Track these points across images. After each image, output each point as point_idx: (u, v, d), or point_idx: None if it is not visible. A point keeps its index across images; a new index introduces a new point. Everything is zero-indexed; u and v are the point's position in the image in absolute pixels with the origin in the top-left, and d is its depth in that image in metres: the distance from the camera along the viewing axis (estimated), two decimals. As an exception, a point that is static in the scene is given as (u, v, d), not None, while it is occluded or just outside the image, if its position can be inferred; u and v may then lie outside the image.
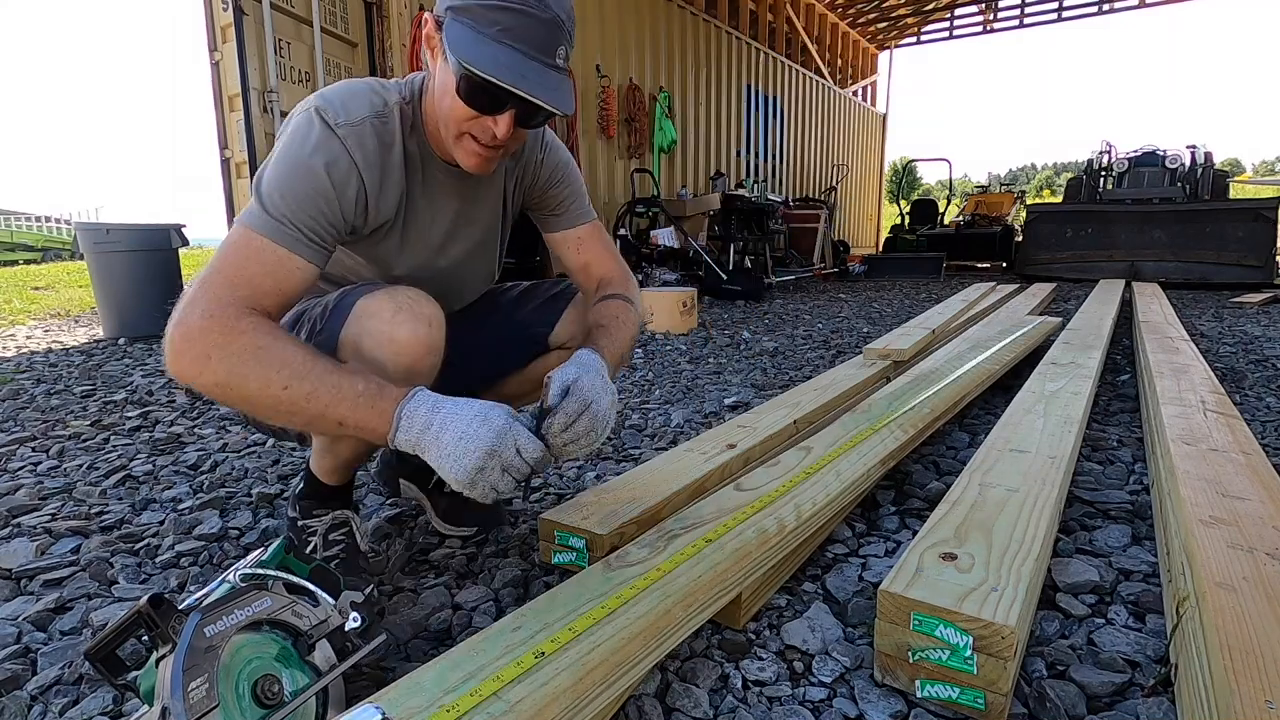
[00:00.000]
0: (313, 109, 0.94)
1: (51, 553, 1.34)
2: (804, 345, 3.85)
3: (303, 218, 0.90)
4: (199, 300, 0.84)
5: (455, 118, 0.94)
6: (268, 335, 0.83)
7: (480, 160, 0.98)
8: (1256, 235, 6.82)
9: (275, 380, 0.81)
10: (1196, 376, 2.15)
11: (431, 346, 1.00)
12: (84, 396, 2.64)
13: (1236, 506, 1.16)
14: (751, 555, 1.04)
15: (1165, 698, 0.88)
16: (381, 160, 0.98)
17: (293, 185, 0.90)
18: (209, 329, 0.81)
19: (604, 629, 0.82)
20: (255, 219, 0.89)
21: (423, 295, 1.02)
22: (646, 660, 0.83)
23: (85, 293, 5.99)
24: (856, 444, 1.52)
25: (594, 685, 0.75)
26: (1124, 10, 13.48)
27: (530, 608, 0.87)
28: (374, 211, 1.01)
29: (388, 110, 0.99)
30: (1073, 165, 60.14)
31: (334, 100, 0.95)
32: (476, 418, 0.83)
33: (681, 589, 0.91)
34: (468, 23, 0.87)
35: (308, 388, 0.82)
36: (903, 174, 17.78)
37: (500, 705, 0.68)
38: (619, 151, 7.76)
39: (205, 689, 0.68)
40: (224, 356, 0.81)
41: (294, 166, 0.91)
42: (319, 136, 0.93)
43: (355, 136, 0.94)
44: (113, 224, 3.96)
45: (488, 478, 0.82)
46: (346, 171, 0.94)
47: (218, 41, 5.08)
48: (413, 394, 0.86)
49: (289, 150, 0.92)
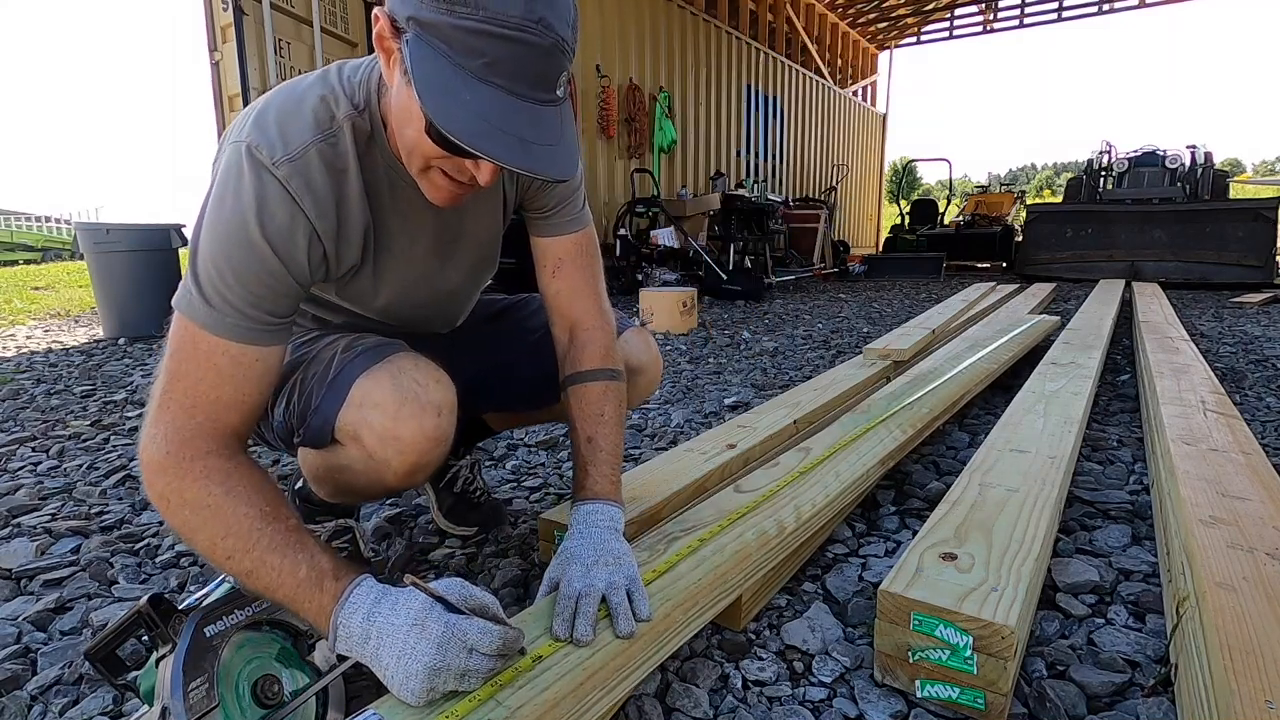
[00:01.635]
0: (243, 145, 0.76)
1: (51, 553, 1.34)
2: (804, 345, 3.85)
3: (249, 299, 0.76)
4: (159, 425, 0.75)
5: (421, 153, 0.76)
6: (220, 488, 0.73)
7: (450, 196, 0.81)
8: (1256, 235, 6.82)
9: (220, 547, 0.72)
10: (1196, 376, 2.15)
11: (440, 439, 0.88)
12: (84, 396, 2.64)
13: (1236, 506, 1.16)
14: (752, 557, 1.03)
15: (1165, 698, 0.88)
16: (336, 194, 0.82)
17: (230, 260, 0.75)
18: (165, 468, 0.74)
19: (604, 634, 0.80)
20: (197, 310, 0.76)
21: (430, 374, 0.89)
22: (647, 664, 0.82)
23: (85, 293, 5.99)
24: (856, 444, 1.52)
25: (594, 690, 0.74)
26: (1124, 10, 13.48)
27: (529, 612, 0.85)
28: (335, 260, 0.86)
29: (336, 127, 0.81)
30: (1073, 165, 60.15)
31: (269, 128, 0.77)
32: (413, 628, 0.68)
33: (682, 592, 0.90)
34: (442, 50, 0.66)
35: (248, 565, 0.72)
36: (903, 174, 17.78)
37: (500, 711, 0.67)
38: (619, 151, 7.76)
39: (205, 689, 0.68)
40: (178, 505, 0.73)
41: (228, 234, 0.75)
42: (251, 185, 0.75)
43: (299, 175, 0.77)
44: (113, 224, 3.96)
45: (444, 688, 0.67)
46: (290, 228, 0.77)
47: (218, 41, 5.08)
48: (348, 593, 0.71)
49: (219, 208, 0.76)
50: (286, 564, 0.72)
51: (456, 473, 1.43)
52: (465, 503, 1.43)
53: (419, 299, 1.03)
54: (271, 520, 0.73)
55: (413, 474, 0.90)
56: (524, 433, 2.11)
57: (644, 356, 1.18)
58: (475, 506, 1.43)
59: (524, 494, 1.65)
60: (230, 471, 0.75)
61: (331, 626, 0.70)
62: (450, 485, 1.42)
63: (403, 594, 0.71)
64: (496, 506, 1.47)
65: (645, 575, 0.93)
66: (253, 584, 0.73)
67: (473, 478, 1.45)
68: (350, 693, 0.89)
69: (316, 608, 0.71)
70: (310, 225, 0.79)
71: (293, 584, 0.71)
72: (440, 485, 1.43)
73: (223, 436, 0.77)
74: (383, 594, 0.72)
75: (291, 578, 0.71)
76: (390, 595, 0.71)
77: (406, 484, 0.93)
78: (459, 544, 1.38)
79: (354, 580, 0.72)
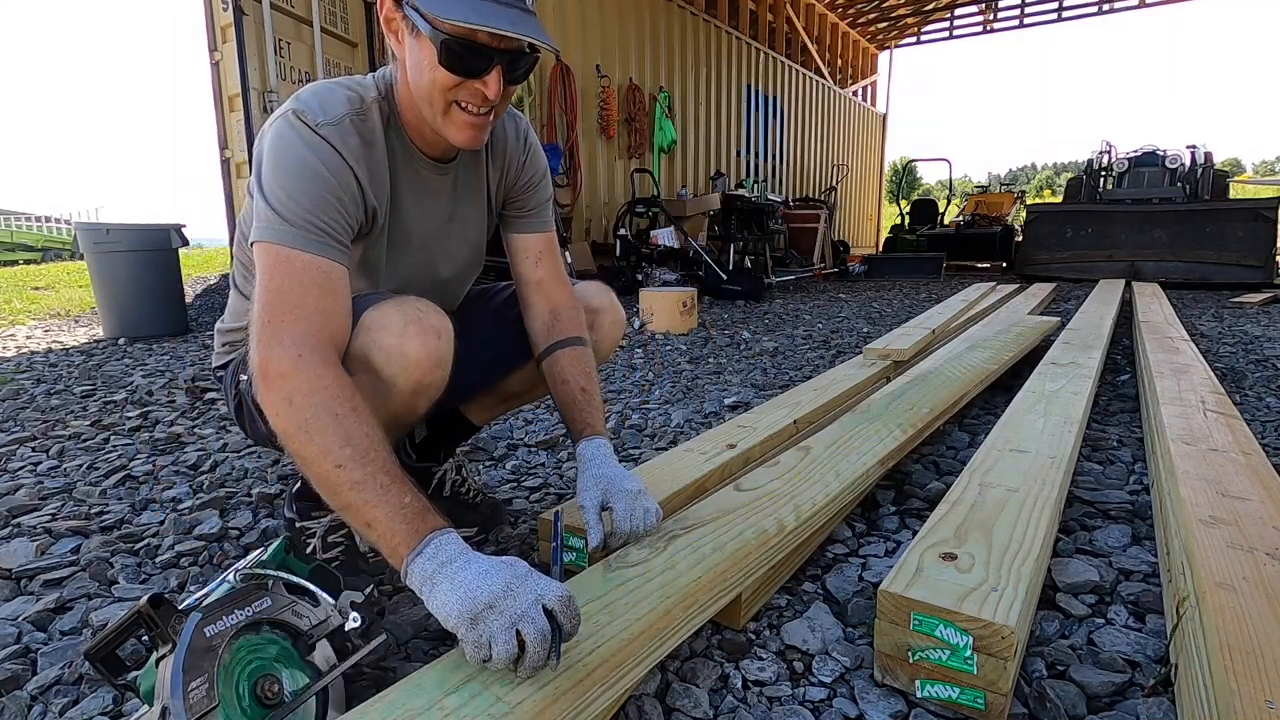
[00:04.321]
0: (289, 113, 0.92)
1: (51, 553, 1.34)
2: (804, 345, 3.85)
3: (323, 221, 0.89)
4: (283, 336, 0.81)
5: (440, 88, 0.91)
6: (348, 401, 0.79)
7: (474, 131, 0.96)
8: (1256, 235, 6.82)
9: (334, 454, 0.76)
10: (1196, 376, 2.15)
11: (440, 360, 0.97)
12: (84, 396, 2.64)
13: (1236, 506, 1.16)
14: (752, 555, 1.04)
15: (1165, 698, 0.88)
16: (366, 157, 0.96)
17: (302, 187, 0.88)
18: (296, 371, 0.80)
19: (605, 630, 0.81)
20: (285, 234, 0.86)
21: (430, 305, 0.99)
22: (647, 661, 0.83)
23: (85, 293, 5.98)
24: (856, 444, 1.52)
25: (594, 686, 0.75)
26: (1124, 10, 13.49)
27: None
28: (370, 211, 0.99)
29: (365, 107, 0.97)
30: (1073, 165, 60.15)
31: (309, 102, 0.93)
32: (483, 575, 0.73)
33: (682, 589, 0.91)
34: None
35: (359, 476, 0.76)
36: (903, 174, 17.77)
37: (501, 707, 0.68)
38: (619, 151, 7.76)
39: (205, 689, 0.68)
40: (303, 407, 0.78)
41: (297, 170, 0.89)
42: (304, 137, 0.90)
43: (338, 134, 0.92)
44: (113, 224, 3.96)
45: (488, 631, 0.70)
46: (341, 166, 0.92)
47: (218, 41, 5.08)
48: (434, 537, 0.75)
49: (281, 156, 0.90)
50: (395, 487, 0.76)
51: (442, 477, 1.43)
52: (460, 505, 1.43)
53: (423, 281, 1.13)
54: (384, 445, 0.79)
55: (416, 395, 0.96)
56: (524, 433, 2.11)
57: (602, 299, 1.30)
58: (472, 507, 1.43)
59: (524, 494, 1.65)
60: (353, 394, 0.81)
61: (406, 560, 0.74)
62: (439, 490, 1.43)
63: (484, 558, 0.75)
64: (495, 506, 1.47)
65: (646, 574, 0.94)
66: (351, 495, 0.76)
67: (460, 480, 1.45)
68: (350, 693, 0.89)
69: (400, 537, 0.75)
70: (352, 171, 0.93)
71: (395, 506, 0.75)
72: (429, 492, 1.43)
73: (337, 349, 0.86)
74: (463, 550, 0.76)
75: (398, 499, 0.76)
76: (469, 553, 0.75)
77: (409, 410, 0.98)
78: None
79: (443, 529, 0.76)
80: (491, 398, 1.36)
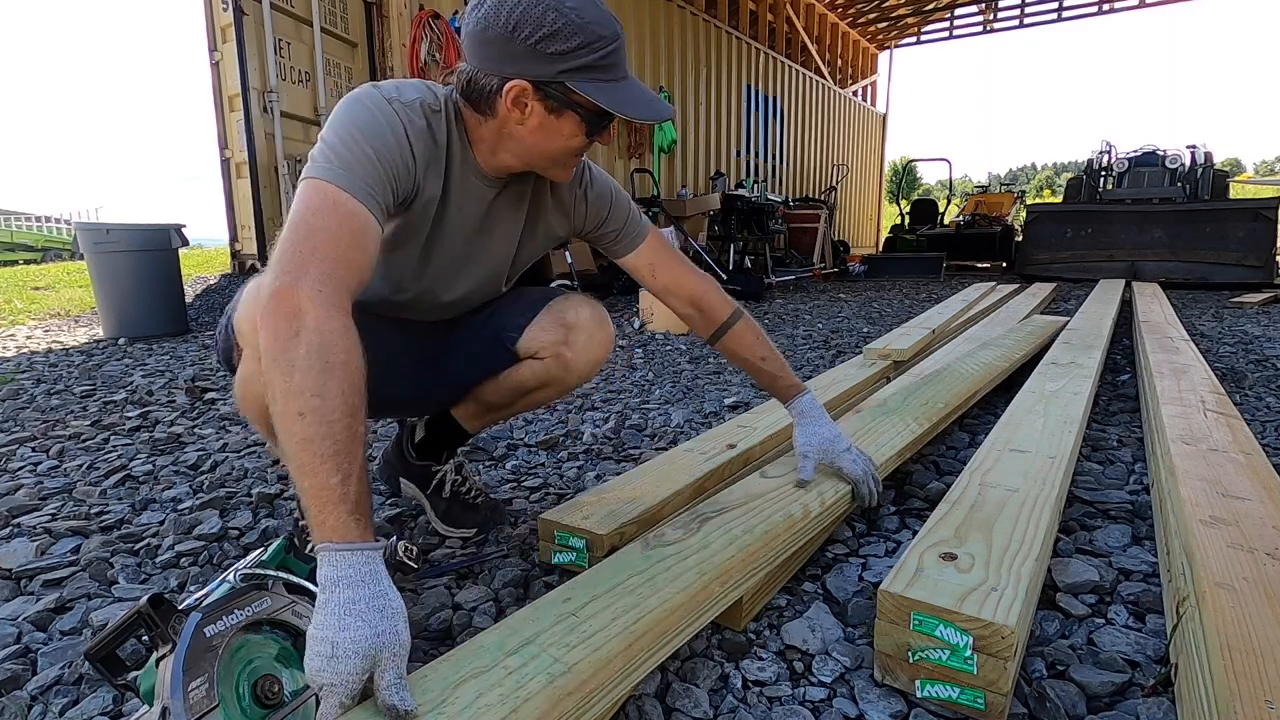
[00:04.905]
0: (365, 86, 0.97)
1: (51, 553, 1.34)
2: (804, 345, 3.85)
3: (377, 174, 0.89)
4: (309, 270, 0.78)
5: (571, 150, 1.01)
6: (342, 354, 0.76)
7: (571, 169, 1.07)
8: (1256, 235, 6.81)
9: (301, 399, 0.73)
10: (1196, 376, 2.15)
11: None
12: (84, 396, 2.64)
13: (1236, 506, 1.16)
14: (779, 538, 1.09)
15: (1165, 698, 0.88)
16: (429, 141, 0.99)
17: (366, 134, 0.90)
18: (312, 305, 0.76)
19: (648, 601, 0.87)
20: (338, 174, 0.86)
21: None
22: (687, 631, 0.90)
23: (85, 293, 5.98)
24: (875, 436, 1.56)
25: (641, 652, 0.81)
26: (1124, 10, 13.49)
27: (577, 582, 0.93)
28: (417, 186, 0.99)
29: (438, 102, 1.01)
30: (1073, 165, 60.12)
31: (386, 85, 0.98)
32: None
33: (718, 566, 0.96)
34: (601, 80, 0.93)
35: (310, 431, 0.72)
36: (903, 174, 17.78)
37: (559, 667, 0.74)
38: (619, 151, 7.76)
39: (205, 689, 0.68)
40: (299, 341, 0.74)
41: (362, 125, 0.91)
42: (375, 103, 0.94)
43: (407, 112, 0.95)
44: (113, 224, 3.96)
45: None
46: (403, 136, 0.94)
47: (218, 41, 5.08)
48: (349, 546, 0.70)
49: (349, 113, 0.93)
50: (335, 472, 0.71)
51: (442, 477, 1.43)
52: (460, 504, 1.43)
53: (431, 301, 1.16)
54: (352, 413, 0.74)
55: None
56: (524, 433, 2.11)
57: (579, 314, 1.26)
58: (472, 507, 1.43)
59: (524, 494, 1.65)
60: (355, 346, 0.78)
61: (320, 549, 0.70)
62: (439, 490, 1.43)
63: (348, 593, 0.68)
64: (495, 506, 1.47)
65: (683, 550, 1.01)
66: (299, 450, 0.72)
67: (462, 479, 1.45)
68: (350, 693, 0.89)
69: (321, 521, 0.71)
70: (410, 146, 0.95)
71: (320, 482, 0.71)
72: (429, 491, 1.43)
73: (352, 300, 0.83)
74: (338, 580, 0.69)
75: (328, 476, 0.71)
76: (343, 584, 0.68)
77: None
78: (459, 544, 1.38)
79: (366, 544, 0.71)
80: (476, 405, 1.36)
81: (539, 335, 1.24)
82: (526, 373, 1.26)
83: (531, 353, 1.25)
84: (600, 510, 1.23)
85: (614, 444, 2.02)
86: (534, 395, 1.31)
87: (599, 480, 1.72)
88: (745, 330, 1.26)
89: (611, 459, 1.89)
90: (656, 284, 1.26)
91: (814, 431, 1.23)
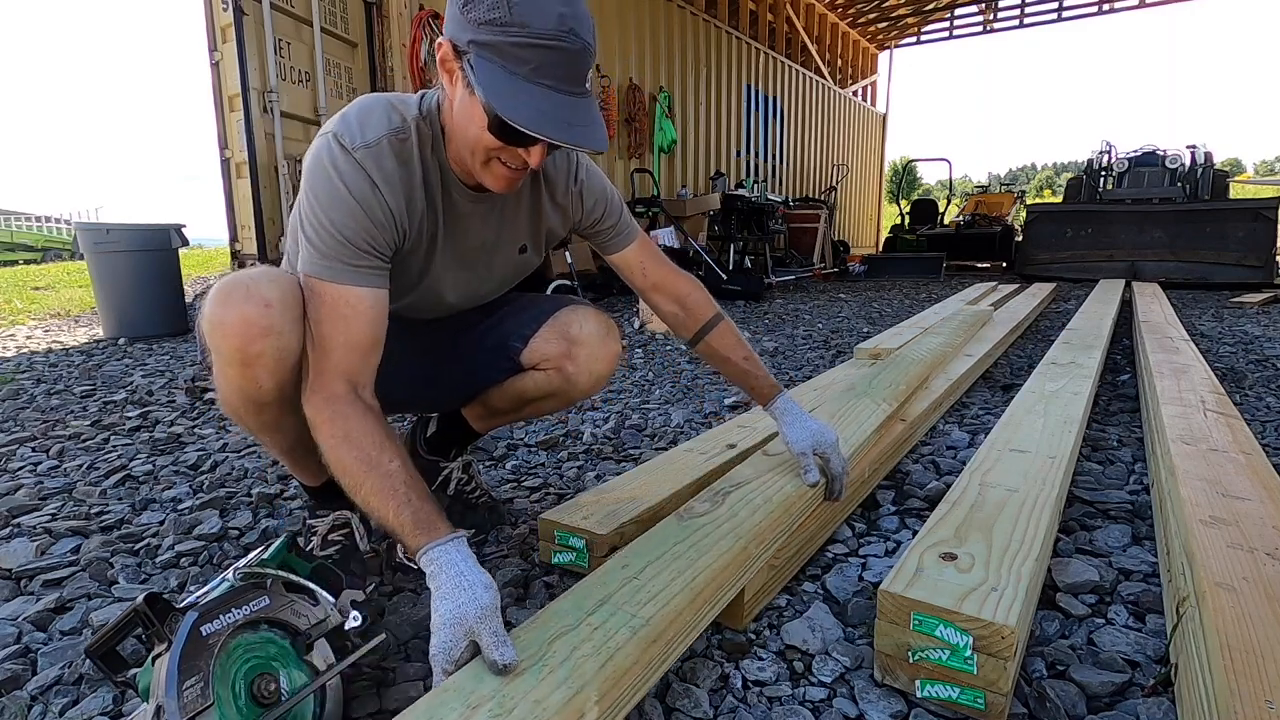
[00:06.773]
0: (329, 135, 0.94)
1: (51, 553, 1.34)
2: (804, 345, 3.85)
3: (350, 249, 0.92)
4: (324, 365, 0.92)
5: (484, 146, 0.91)
6: (339, 431, 0.89)
7: (508, 182, 0.97)
8: (1256, 235, 6.81)
9: (343, 481, 0.89)
10: (1196, 376, 2.15)
11: (267, 328, 0.92)
12: (84, 396, 2.64)
13: (1236, 506, 1.16)
14: (795, 505, 1.17)
15: (1165, 698, 0.88)
16: (402, 179, 0.96)
17: (330, 217, 0.91)
18: (309, 402, 0.92)
19: (698, 562, 0.95)
20: (315, 266, 0.93)
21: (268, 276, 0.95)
22: (736, 586, 1.00)
23: (85, 293, 5.98)
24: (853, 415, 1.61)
25: (704, 605, 0.91)
26: (1124, 10, 13.49)
27: (630, 550, 1.01)
28: (402, 232, 0.99)
29: (405, 126, 0.96)
30: (1073, 165, 60.11)
31: (350, 122, 0.94)
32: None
33: (749, 531, 1.05)
34: (497, 63, 0.82)
35: (360, 500, 0.88)
36: (903, 174, 17.78)
37: (637, 621, 0.81)
38: (619, 151, 7.76)
39: (200, 688, 0.68)
40: (318, 436, 0.90)
41: (328, 198, 0.92)
42: (337, 160, 0.92)
43: (372, 158, 0.93)
44: (113, 224, 3.96)
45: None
46: (369, 191, 0.93)
47: (218, 41, 5.07)
48: (431, 546, 0.83)
49: (312, 183, 0.93)
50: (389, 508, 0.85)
51: (448, 475, 1.43)
52: (462, 504, 1.43)
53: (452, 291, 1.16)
54: (373, 468, 0.86)
55: (245, 363, 0.94)
56: (524, 433, 2.11)
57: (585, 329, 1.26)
58: (473, 507, 1.43)
59: (524, 494, 1.65)
60: (348, 415, 0.90)
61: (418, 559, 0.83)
62: (444, 487, 1.43)
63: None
64: (495, 507, 1.47)
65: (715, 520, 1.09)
66: (365, 505, 0.87)
67: (467, 479, 1.45)
68: (349, 693, 0.89)
69: (411, 545, 0.84)
70: (382, 197, 0.94)
71: (393, 525, 0.85)
72: (433, 488, 1.43)
73: (348, 377, 0.92)
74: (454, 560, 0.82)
75: (393, 520, 0.85)
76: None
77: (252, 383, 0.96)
78: (458, 544, 1.37)
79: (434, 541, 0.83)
80: (483, 408, 1.37)
81: (543, 348, 1.23)
82: (530, 383, 1.26)
83: (535, 364, 1.24)
84: (600, 510, 1.23)
85: (614, 444, 2.02)
86: (539, 404, 1.31)
87: (599, 480, 1.71)
88: (727, 330, 1.27)
89: (611, 459, 1.89)
90: (646, 281, 1.25)
91: (804, 427, 1.24)
